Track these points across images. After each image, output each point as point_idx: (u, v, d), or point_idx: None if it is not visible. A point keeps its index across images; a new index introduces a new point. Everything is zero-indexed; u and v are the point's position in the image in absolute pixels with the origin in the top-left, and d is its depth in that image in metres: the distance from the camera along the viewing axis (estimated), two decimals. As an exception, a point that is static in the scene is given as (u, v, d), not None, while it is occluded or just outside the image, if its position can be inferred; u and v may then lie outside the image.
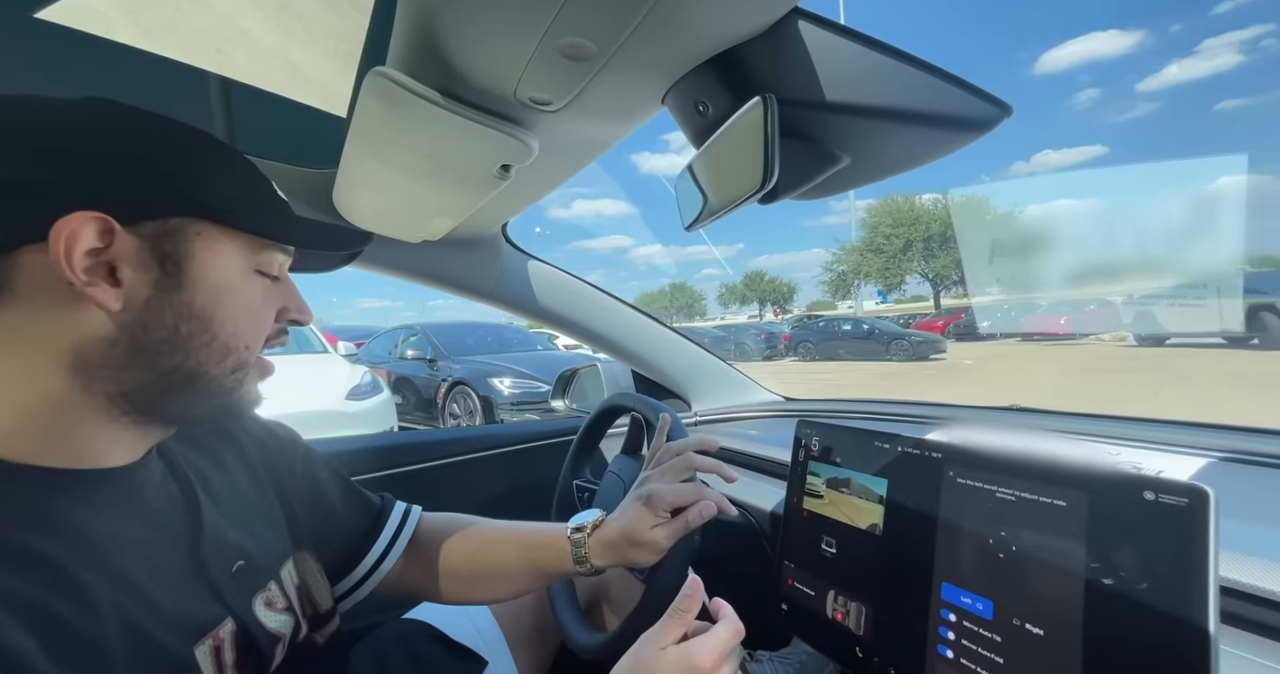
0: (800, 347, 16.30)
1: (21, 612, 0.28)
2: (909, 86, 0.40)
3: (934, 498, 0.48)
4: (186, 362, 0.37)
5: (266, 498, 0.51)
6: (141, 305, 0.35)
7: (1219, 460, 0.62)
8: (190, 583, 0.39)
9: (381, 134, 0.55)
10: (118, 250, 0.34)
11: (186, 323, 0.36)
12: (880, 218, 38.89)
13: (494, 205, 0.74)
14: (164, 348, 0.36)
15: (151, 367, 0.36)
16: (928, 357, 13.46)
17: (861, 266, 39.84)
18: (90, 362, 0.34)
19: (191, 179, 0.37)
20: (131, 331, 0.35)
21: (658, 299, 60.11)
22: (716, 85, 0.42)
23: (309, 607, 0.51)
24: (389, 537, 0.61)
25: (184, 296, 0.36)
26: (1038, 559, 0.40)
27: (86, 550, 0.33)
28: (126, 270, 0.34)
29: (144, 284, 0.35)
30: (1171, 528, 0.34)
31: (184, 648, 0.36)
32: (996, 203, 37.60)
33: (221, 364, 0.38)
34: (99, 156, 0.34)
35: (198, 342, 0.37)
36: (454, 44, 0.42)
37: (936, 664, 0.45)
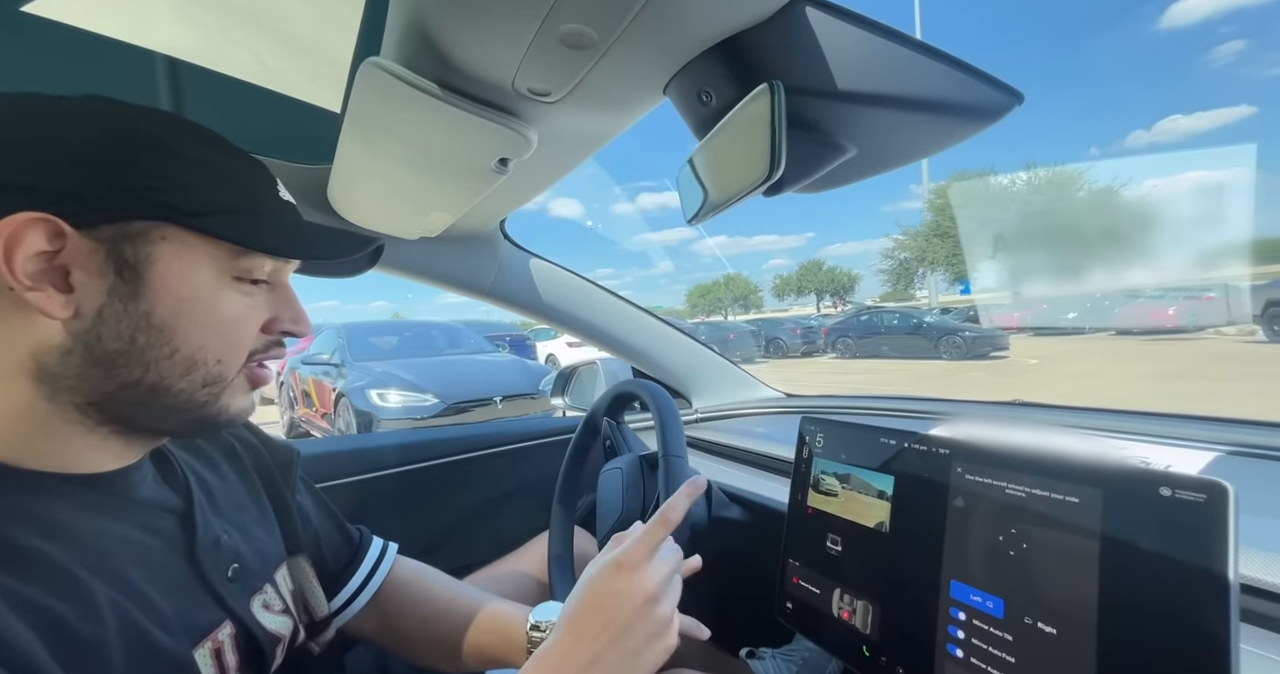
0: (839, 343, 14.24)
1: (25, 612, 0.28)
2: (918, 74, 0.39)
3: (942, 495, 0.48)
4: (146, 374, 0.35)
5: (261, 504, 0.50)
6: (94, 313, 0.33)
7: (1227, 454, 0.61)
8: (188, 586, 0.38)
9: (376, 127, 0.54)
10: (70, 254, 0.32)
11: (144, 333, 0.34)
12: (949, 198, 32.68)
13: (492, 201, 0.73)
14: (119, 359, 0.34)
15: (110, 378, 0.34)
16: (986, 354, 11.50)
17: (926, 253, 33.32)
18: (49, 370, 0.33)
19: (156, 177, 0.34)
20: (85, 341, 0.33)
21: (712, 290, 56.52)
22: (720, 74, 0.41)
23: (304, 613, 0.50)
24: (365, 573, 0.58)
25: (142, 305, 0.34)
26: (1050, 557, 0.40)
27: (85, 552, 0.33)
28: (79, 275, 0.32)
29: (98, 291, 0.33)
30: (1189, 525, 0.33)
31: (183, 651, 0.36)
32: (1093, 177, 31.17)
33: (187, 378, 0.36)
34: (48, 153, 0.32)
35: (156, 354, 0.35)
36: (450, 32, 0.40)
37: (946, 663, 0.44)
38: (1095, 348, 12.78)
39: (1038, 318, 15.71)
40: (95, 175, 0.33)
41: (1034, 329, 15.17)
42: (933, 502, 0.48)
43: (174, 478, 0.42)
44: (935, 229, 33.39)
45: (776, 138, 0.36)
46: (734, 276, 58.50)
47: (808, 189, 0.51)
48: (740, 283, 56.93)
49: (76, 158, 0.32)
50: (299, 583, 0.52)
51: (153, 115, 0.36)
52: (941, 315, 14.42)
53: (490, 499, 1.06)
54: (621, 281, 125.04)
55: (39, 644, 0.28)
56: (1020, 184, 30.58)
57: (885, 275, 36.50)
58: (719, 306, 53.88)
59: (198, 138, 0.37)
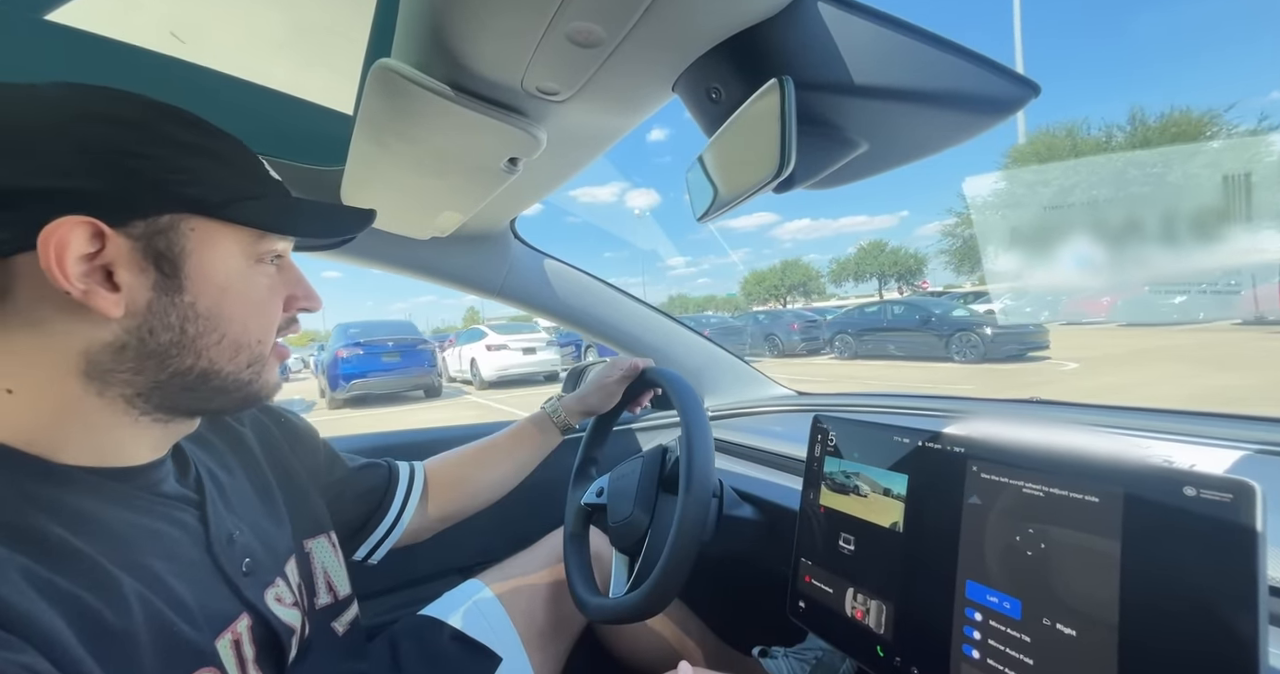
0: (837, 340, 11.89)
1: (56, 601, 0.29)
2: (930, 67, 0.38)
3: (957, 493, 0.47)
4: (199, 362, 0.36)
5: (269, 495, 0.51)
6: (144, 309, 0.34)
7: (1255, 453, 0.60)
8: (208, 578, 0.39)
9: (388, 128, 0.54)
10: (111, 254, 0.33)
11: (193, 323, 0.36)
12: (1022, 161, 27.46)
13: (502, 200, 0.73)
14: (173, 350, 0.35)
15: (163, 369, 0.35)
16: (1019, 355, 9.03)
17: (995, 228, 27.69)
18: (102, 367, 0.34)
19: (179, 172, 0.35)
20: (138, 336, 0.34)
21: (767, 278, 52.17)
22: (730, 70, 0.41)
23: (314, 597, 0.52)
24: (403, 492, 0.68)
25: (187, 297, 0.35)
26: (1069, 557, 0.39)
27: (113, 545, 0.34)
28: (124, 274, 0.33)
29: (143, 287, 0.34)
30: (1215, 525, 0.33)
31: (206, 641, 0.37)
32: (1234, 119, 23.06)
33: (235, 360, 0.38)
34: (77, 153, 0.32)
35: (207, 341, 0.36)
36: (459, 32, 0.41)
37: (962, 664, 0.43)
38: (1194, 343, 9.33)
39: (1133, 306, 12.24)
40: (122, 172, 0.33)
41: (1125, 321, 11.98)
42: (947, 501, 0.47)
43: (189, 474, 0.43)
44: (1004, 199, 26.51)
45: (786, 134, 0.36)
46: (791, 263, 53.89)
47: (819, 185, 0.50)
48: (799, 269, 52.26)
49: (100, 156, 0.33)
50: (315, 567, 0.53)
51: (152, 106, 0.36)
52: (967, 305, 11.29)
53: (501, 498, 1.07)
54: (698, 269, 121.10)
55: (70, 632, 0.28)
56: (1121, 137, 23.71)
57: (946, 257, 30.39)
58: (775, 294, 50.36)
59: (194, 126, 0.37)
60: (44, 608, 0.28)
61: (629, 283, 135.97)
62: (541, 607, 0.78)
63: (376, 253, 0.91)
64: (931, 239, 35.53)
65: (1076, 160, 24.31)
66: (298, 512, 0.53)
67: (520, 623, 0.76)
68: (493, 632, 0.74)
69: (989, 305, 14.61)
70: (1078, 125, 25.41)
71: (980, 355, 9.18)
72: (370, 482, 0.66)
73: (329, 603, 0.54)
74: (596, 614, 0.68)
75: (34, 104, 0.33)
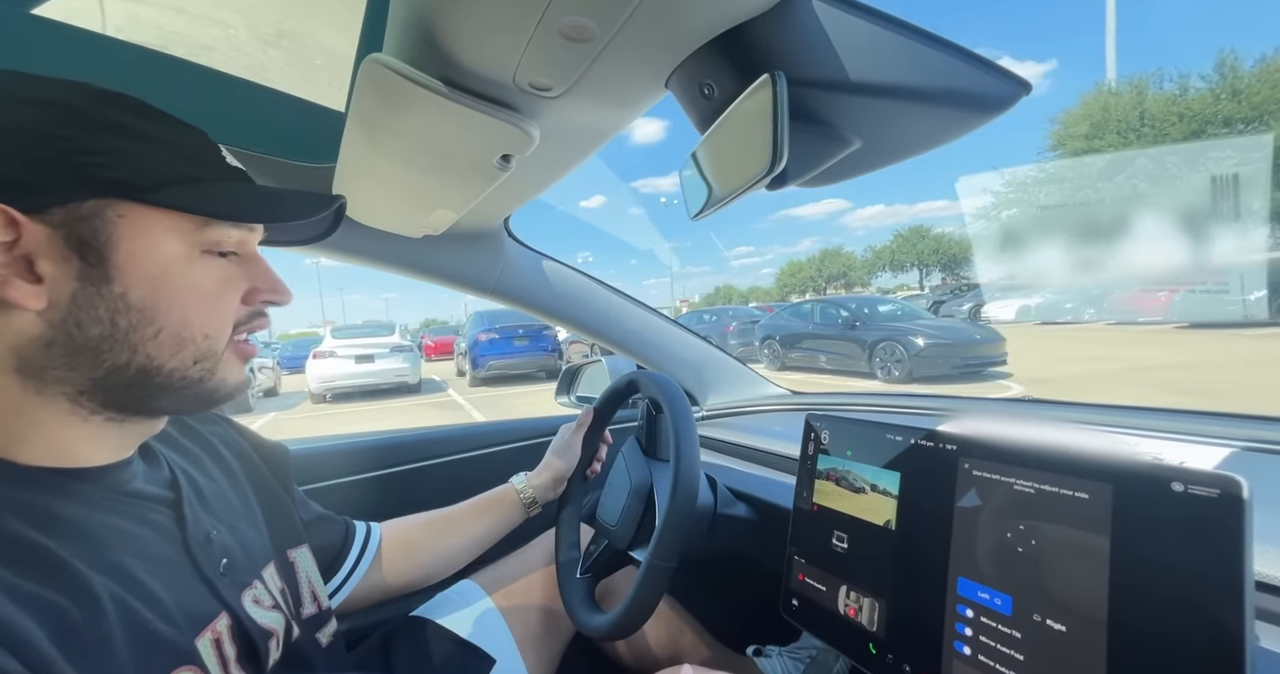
0: (766, 346, 9.59)
1: (28, 604, 0.28)
2: (922, 64, 0.38)
3: (949, 490, 0.47)
4: (134, 357, 0.34)
5: (248, 503, 0.51)
6: (69, 301, 0.32)
7: (1242, 450, 0.60)
8: (185, 577, 0.39)
9: (379, 125, 0.54)
10: (29, 243, 0.31)
11: (124, 316, 0.33)
12: (1074, 126, 20.99)
13: (495, 198, 0.73)
14: (104, 345, 0.33)
15: (97, 364, 0.33)
16: (977, 374, 6.70)
17: (1031, 208, 22.29)
18: (34, 363, 0.32)
19: (102, 153, 0.32)
20: (65, 329, 0.32)
21: (804, 268, 48.64)
22: (723, 66, 0.41)
23: (299, 605, 0.51)
24: (356, 553, 0.65)
25: (116, 288, 0.33)
26: (1059, 553, 0.39)
27: (84, 545, 0.33)
28: (44, 264, 0.31)
29: (67, 277, 0.32)
30: (1203, 520, 0.33)
31: (185, 640, 0.36)
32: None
33: (177, 356, 0.35)
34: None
35: (141, 335, 0.34)
36: (451, 27, 0.40)
37: (954, 661, 0.44)
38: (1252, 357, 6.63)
39: (1194, 303, 9.08)
40: (35, 156, 0.31)
41: (1193, 321, 9.16)
42: (940, 498, 0.48)
43: (161, 474, 0.42)
44: (1049, 173, 22.16)
45: (779, 129, 0.36)
46: (831, 252, 49.82)
47: (812, 183, 0.50)
48: (839, 258, 47.44)
49: (11, 139, 0.31)
50: (299, 575, 0.53)
51: (77, 88, 0.34)
52: (903, 303, 8.85)
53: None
54: (762, 259, 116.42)
55: (40, 633, 0.28)
56: (1203, 89, 18.50)
57: (980, 242, 25.04)
58: (813, 285, 47.17)
59: (129, 108, 0.35)
60: (13, 609, 0.28)
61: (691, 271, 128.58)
62: (535, 607, 0.78)
63: (369, 251, 0.90)
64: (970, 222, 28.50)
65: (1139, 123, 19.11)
66: (279, 522, 0.53)
67: (514, 624, 0.75)
68: (486, 633, 0.73)
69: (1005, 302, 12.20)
70: (1150, 78, 19.89)
71: (906, 374, 6.91)
72: (325, 537, 0.62)
73: (314, 613, 0.53)
74: (584, 631, 0.70)
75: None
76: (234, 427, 0.56)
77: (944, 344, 6.82)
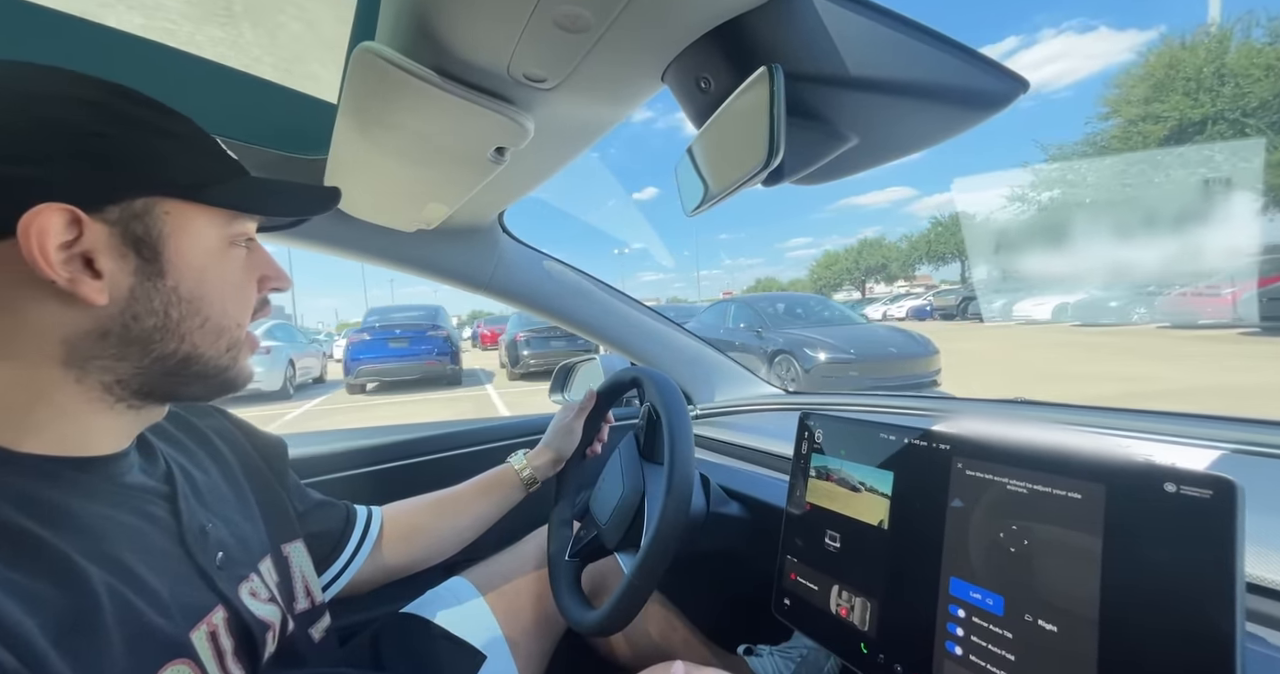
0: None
1: (21, 596, 0.28)
2: (920, 60, 0.38)
3: (942, 490, 0.47)
4: (182, 346, 0.36)
5: (244, 497, 0.50)
6: (127, 295, 0.34)
7: (1232, 453, 0.60)
8: (181, 570, 0.38)
9: (371, 115, 0.53)
10: (90, 240, 0.32)
11: (176, 308, 0.36)
12: (1133, 88, 17.25)
13: (489, 193, 0.72)
14: (157, 335, 0.35)
15: (146, 354, 0.35)
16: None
17: (1077, 188, 18.92)
18: (82, 354, 0.33)
19: (148, 154, 0.34)
20: (122, 322, 0.34)
21: (840, 259, 44.61)
22: (719, 60, 0.40)
23: (292, 600, 0.51)
24: (357, 538, 0.65)
25: (169, 281, 0.35)
26: (1051, 553, 0.39)
27: (80, 536, 0.33)
28: (104, 261, 0.33)
29: (125, 273, 0.34)
30: (1194, 521, 0.33)
31: (180, 633, 0.36)
32: None
33: (216, 344, 0.38)
34: (46, 137, 0.31)
35: (190, 325, 0.36)
36: (444, 15, 0.40)
37: (945, 661, 0.43)
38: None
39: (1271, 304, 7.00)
40: (94, 156, 0.33)
41: (1266, 323, 7.33)
42: (932, 497, 0.47)
43: (157, 467, 0.42)
44: (1099, 143, 17.92)
45: (775, 124, 0.35)
46: (871, 242, 45.46)
47: (808, 179, 0.50)
48: (878, 249, 42.73)
49: (69, 139, 0.32)
50: (293, 570, 0.52)
51: (105, 85, 0.35)
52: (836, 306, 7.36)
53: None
54: (819, 250, 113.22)
55: (32, 625, 0.28)
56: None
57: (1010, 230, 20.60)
58: (849, 277, 43.85)
59: (151, 105, 0.36)
60: (6, 602, 0.27)
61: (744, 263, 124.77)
62: (526, 604, 0.77)
63: (362, 245, 0.90)
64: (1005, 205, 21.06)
65: (1214, 81, 14.50)
66: (274, 516, 0.53)
67: (505, 621, 0.75)
68: (477, 629, 0.73)
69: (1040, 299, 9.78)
70: (1236, 25, 15.87)
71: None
72: (326, 523, 0.63)
73: (308, 608, 0.53)
74: (575, 627, 0.69)
75: (6, 88, 0.32)
76: (230, 419, 0.55)
77: (847, 360, 5.39)
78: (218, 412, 0.55)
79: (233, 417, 0.56)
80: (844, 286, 43.81)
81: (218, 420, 0.54)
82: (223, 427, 0.54)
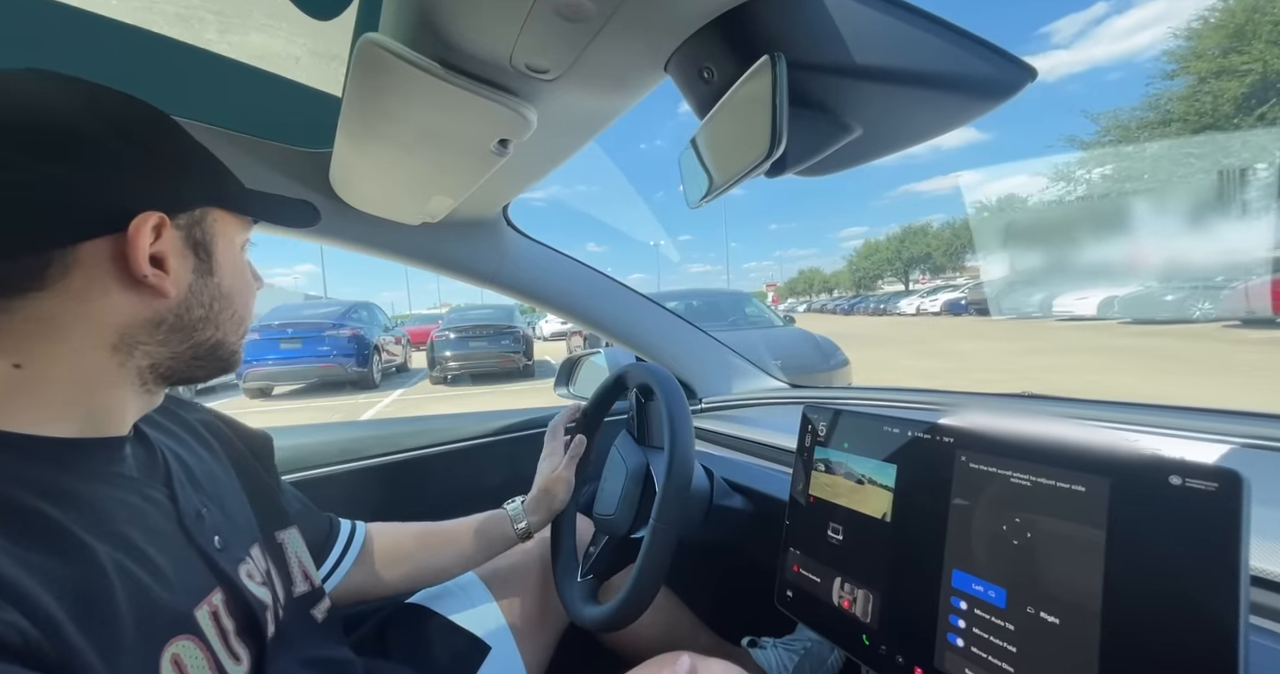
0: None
1: (38, 573, 0.29)
2: (926, 48, 0.37)
3: (945, 483, 0.47)
4: (215, 333, 0.41)
5: (232, 485, 0.51)
6: (186, 290, 0.39)
7: (1241, 447, 0.60)
8: (182, 550, 0.40)
9: (375, 108, 0.53)
10: (166, 242, 0.37)
11: (218, 301, 0.41)
12: (1206, 39, 14.54)
13: (493, 185, 0.72)
14: (199, 324, 0.40)
15: (187, 340, 0.40)
16: None
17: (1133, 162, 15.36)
18: (134, 340, 0.37)
19: (210, 171, 0.41)
20: (176, 312, 0.39)
21: (881, 249, 40.86)
22: (722, 49, 0.40)
23: (291, 584, 0.52)
24: (338, 552, 0.65)
25: (215, 278, 0.41)
26: (1055, 546, 0.39)
27: (87, 515, 0.34)
28: (173, 260, 0.38)
29: (186, 270, 0.39)
30: (1199, 514, 0.32)
31: (185, 610, 0.37)
32: None
33: (237, 331, 0.44)
34: (146, 154, 0.37)
35: (225, 316, 0.42)
36: (447, 5, 0.40)
37: (947, 652, 0.43)
38: None
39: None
40: (176, 171, 0.39)
41: None
42: (935, 490, 0.47)
43: (153, 454, 0.43)
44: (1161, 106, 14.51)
45: (778, 113, 0.35)
46: (914, 229, 41.15)
47: (811, 171, 0.49)
48: (922, 238, 38.09)
49: (169, 160, 0.38)
50: (289, 555, 0.54)
51: (147, 105, 0.40)
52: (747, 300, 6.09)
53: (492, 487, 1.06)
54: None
55: (48, 598, 0.29)
56: None
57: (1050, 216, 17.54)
58: (890, 267, 39.68)
59: (183, 131, 0.41)
60: (24, 576, 0.28)
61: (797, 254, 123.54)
62: (530, 596, 0.78)
63: (367, 238, 0.90)
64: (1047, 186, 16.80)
65: None
66: (264, 505, 0.54)
67: (509, 612, 0.75)
68: (481, 621, 0.74)
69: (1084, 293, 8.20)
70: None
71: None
72: (307, 533, 0.61)
73: (307, 590, 0.54)
74: (588, 625, 0.68)
75: (61, 99, 0.35)
76: (216, 415, 0.57)
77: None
78: (203, 408, 0.57)
79: (218, 412, 0.58)
80: (885, 277, 40.17)
81: (203, 414, 0.55)
82: (208, 420, 0.55)
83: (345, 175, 0.73)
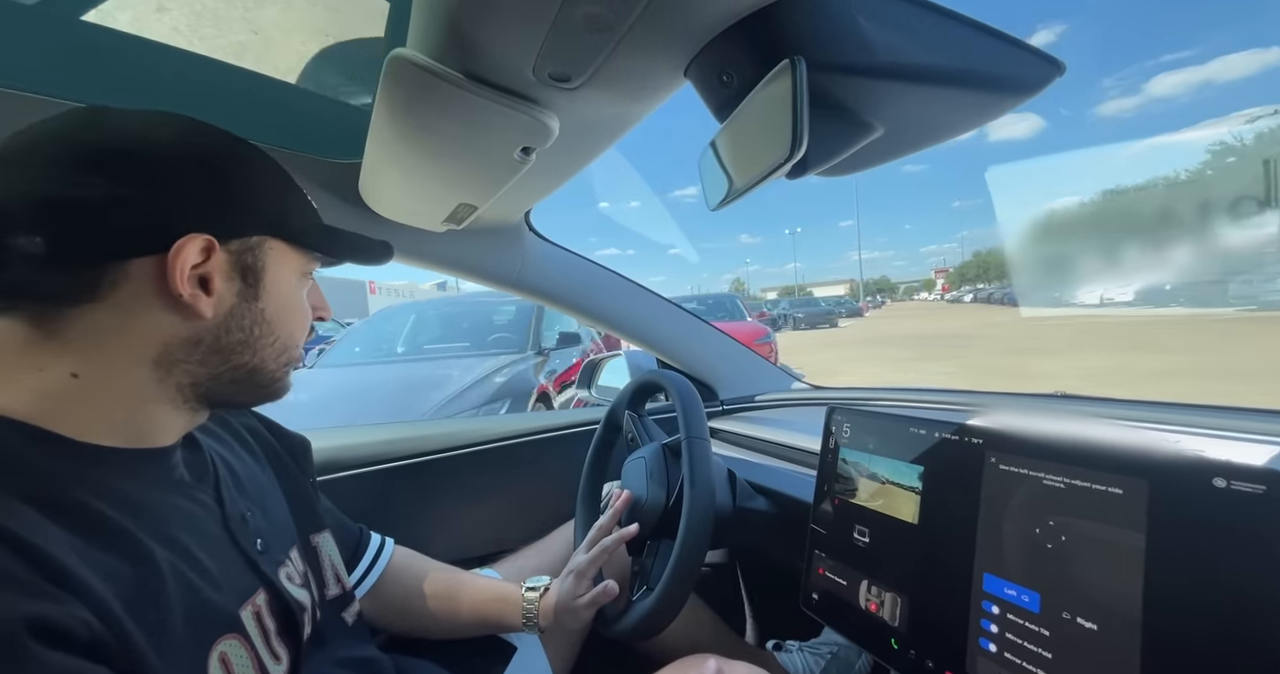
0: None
1: (100, 570, 0.31)
2: (950, 45, 0.37)
3: (974, 485, 0.46)
4: (253, 358, 0.42)
5: (273, 489, 0.53)
6: (227, 312, 0.40)
7: None
8: (228, 552, 0.41)
9: (404, 120, 0.55)
10: (213, 265, 0.38)
11: (259, 326, 0.41)
12: None
13: (516, 192, 0.73)
14: (239, 347, 0.41)
15: (225, 363, 0.40)
16: None
17: None
18: (173, 358, 0.38)
19: (265, 199, 0.42)
20: (215, 333, 0.39)
21: (971, 267, 41.30)
22: (741, 54, 0.40)
23: (324, 586, 0.54)
24: (364, 567, 0.65)
25: (259, 304, 0.41)
26: (1091, 550, 0.38)
27: (144, 518, 0.36)
28: (218, 282, 0.39)
29: (230, 293, 0.40)
30: (1246, 518, 0.31)
31: (232, 610, 0.39)
32: None
33: (278, 359, 0.44)
34: (205, 178, 0.38)
35: (265, 342, 0.42)
36: (472, 21, 0.41)
37: (978, 658, 0.43)
38: None
39: None
40: (233, 198, 0.40)
41: None
42: (964, 492, 0.47)
43: (201, 459, 0.45)
44: None
45: (799, 116, 0.35)
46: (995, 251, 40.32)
47: (833, 171, 0.49)
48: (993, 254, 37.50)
49: (220, 183, 0.39)
50: (323, 558, 0.55)
51: (240, 140, 0.42)
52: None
53: (515, 489, 1.08)
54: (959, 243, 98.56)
55: (109, 595, 0.30)
56: None
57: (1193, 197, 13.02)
58: (994, 273, 39.23)
59: (267, 160, 0.43)
60: (88, 573, 0.30)
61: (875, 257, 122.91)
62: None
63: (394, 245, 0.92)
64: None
65: None
66: (301, 508, 0.56)
67: None
68: None
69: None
70: None
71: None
72: (338, 542, 0.61)
73: (338, 594, 0.56)
74: (605, 632, 0.68)
75: (158, 131, 0.38)
76: (259, 418, 0.59)
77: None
78: (249, 412, 0.59)
79: (261, 416, 0.60)
80: (971, 285, 38.46)
81: (248, 418, 0.58)
82: (252, 424, 0.57)
83: (374, 184, 0.75)
